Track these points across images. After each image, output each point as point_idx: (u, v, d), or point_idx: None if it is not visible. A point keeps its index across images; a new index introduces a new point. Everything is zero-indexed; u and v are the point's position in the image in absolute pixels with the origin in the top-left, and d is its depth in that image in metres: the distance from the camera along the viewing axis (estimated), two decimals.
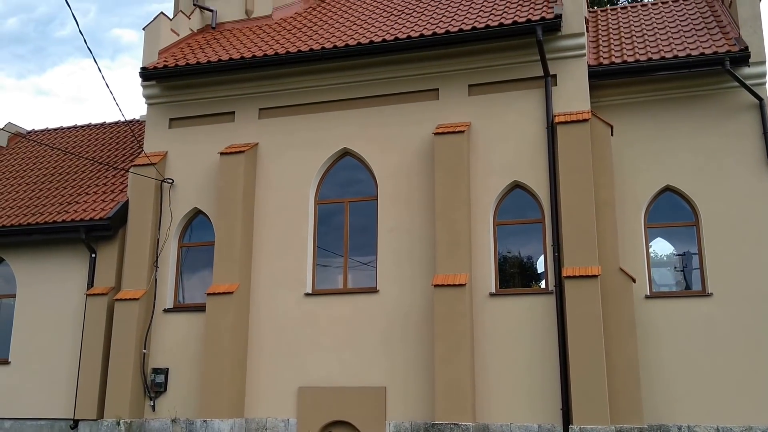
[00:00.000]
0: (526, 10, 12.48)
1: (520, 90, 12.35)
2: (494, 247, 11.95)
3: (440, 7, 14.18)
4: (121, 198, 14.09)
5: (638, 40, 13.15)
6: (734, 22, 12.63)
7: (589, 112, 11.72)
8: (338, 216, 13.10)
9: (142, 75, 14.02)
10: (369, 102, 13.15)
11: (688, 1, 14.79)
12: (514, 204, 12.16)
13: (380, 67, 13.04)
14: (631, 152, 12.20)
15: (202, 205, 13.57)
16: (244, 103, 13.85)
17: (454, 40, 12.37)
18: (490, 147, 12.22)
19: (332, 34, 13.86)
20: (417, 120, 12.71)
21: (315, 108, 13.43)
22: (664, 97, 12.33)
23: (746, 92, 11.85)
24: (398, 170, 12.63)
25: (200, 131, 13.99)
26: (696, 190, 11.84)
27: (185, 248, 13.83)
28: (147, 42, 14.56)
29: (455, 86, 12.70)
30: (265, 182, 13.33)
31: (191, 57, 14.06)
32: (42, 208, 14.62)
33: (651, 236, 12.15)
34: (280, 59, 13.19)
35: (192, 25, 15.85)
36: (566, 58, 12.15)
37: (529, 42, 12.06)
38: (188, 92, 14.14)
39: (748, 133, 11.84)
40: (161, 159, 13.91)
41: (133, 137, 16.14)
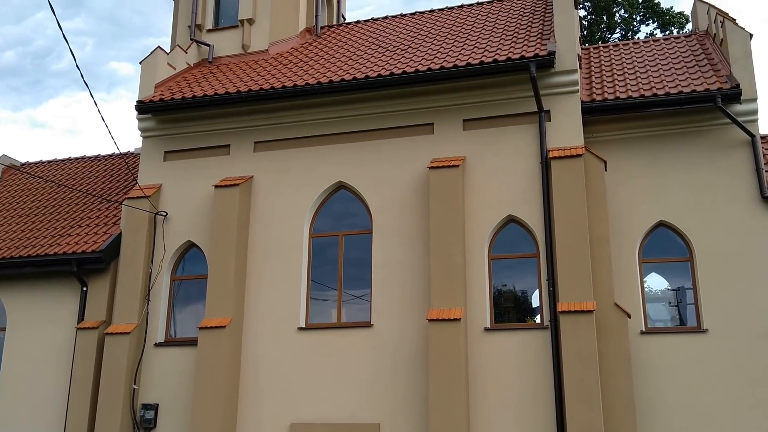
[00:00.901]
0: (519, 47, 12.64)
1: (515, 125, 12.43)
2: (489, 281, 11.91)
3: (435, 44, 14.35)
4: (114, 231, 14.03)
5: (630, 77, 13.31)
6: (725, 60, 12.80)
7: (582, 148, 11.80)
8: (332, 249, 13.06)
9: (138, 108, 14.08)
10: (364, 136, 13.20)
11: (680, 40, 15.02)
12: (508, 238, 12.15)
13: (375, 102, 13.13)
14: (625, 187, 12.26)
15: (196, 238, 13.51)
16: (239, 137, 13.89)
17: (448, 76, 12.48)
18: (484, 181, 12.25)
19: (328, 69, 13.98)
20: (412, 154, 12.76)
21: (310, 141, 13.48)
22: (657, 133, 12.44)
23: (738, 129, 11.96)
24: (393, 204, 12.63)
25: (195, 164, 13.99)
26: (690, 226, 11.88)
27: (178, 281, 13.73)
28: (143, 75, 14.65)
29: (450, 121, 12.78)
30: (260, 215, 13.31)
31: (187, 90, 14.14)
32: (34, 240, 14.54)
33: (645, 271, 12.14)
34: (276, 93, 13.28)
35: (189, 59, 15.98)
36: (560, 94, 12.27)
37: (523, 78, 12.18)
38: (184, 125, 14.18)
39: (741, 169, 11.93)
40: (155, 192, 13.89)
41: (128, 170, 16.13)
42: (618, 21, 30.02)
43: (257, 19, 16.40)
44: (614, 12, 29.99)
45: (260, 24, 16.39)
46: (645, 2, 29.55)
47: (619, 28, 30.06)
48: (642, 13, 29.65)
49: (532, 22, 14.32)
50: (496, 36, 13.89)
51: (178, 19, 17.04)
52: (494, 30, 14.38)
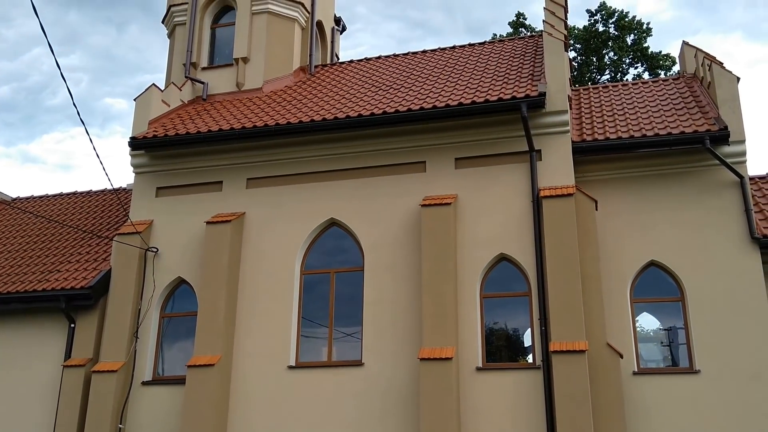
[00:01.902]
0: (511, 88, 12.80)
1: (506, 164, 12.52)
2: (481, 320, 11.85)
3: (427, 83, 14.52)
4: (103, 267, 13.93)
5: (620, 118, 13.48)
6: (713, 103, 12.98)
7: (573, 187, 11.87)
8: (324, 285, 13.00)
9: (131, 144, 14.11)
10: (357, 173, 13.25)
11: (668, 82, 15.27)
12: (500, 276, 12.14)
13: (368, 140, 13.21)
14: (616, 227, 12.31)
15: (186, 275, 13.43)
16: (232, 173, 13.91)
17: (440, 115, 12.60)
18: (476, 219, 12.29)
19: (321, 107, 14.10)
20: (404, 192, 12.80)
21: (303, 178, 13.51)
22: (647, 174, 12.54)
23: (727, 170, 12.08)
24: (385, 241, 12.62)
25: (187, 200, 13.98)
26: (680, 266, 11.90)
27: (167, 318, 13.60)
28: (137, 112, 14.72)
29: (442, 159, 12.86)
30: (251, 252, 13.26)
31: (181, 127, 14.20)
32: (23, 276, 14.40)
33: (637, 311, 12.12)
34: (269, 130, 13.35)
35: (183, 97, 16.09)
36: (551, 134, 12.39)
37: (515, 118, 12.30)
38: (176, 162, 14.21)
39: (731, 210, 12.01)
40: (147, 228, 13.84)
41: (120, 206, 16.10)
42: (607, 63, 30.56)
43: (252, 57, 16.58)
44: (604, 54, 30.55)
45: (255, 62, 16.56)
46: (634, 45, 30.13)
47: (608, 70, 30.59)
48: (631, 55, 30.20)
49: (523, 63, 14.53)
50: (487, 76, 14.07)
51: (174, 57, 17.21)
52: (486, 71, 14.58)
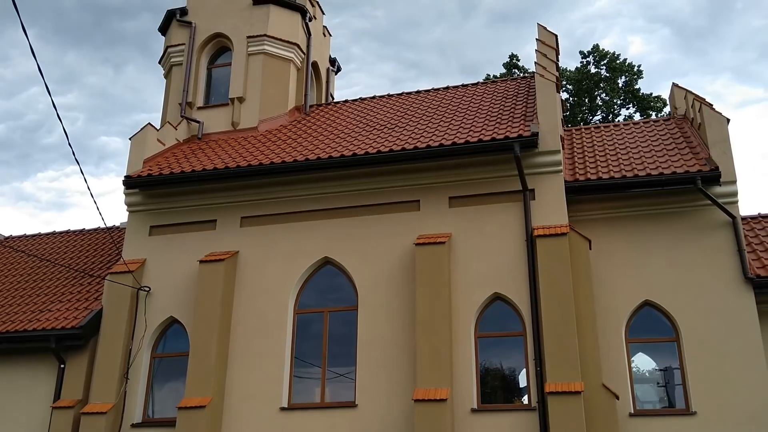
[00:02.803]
0: (504, 128, 12.92)
1: (500, 203, 12.56)
2: (476, 360, 11.74)
3: (421, 123, 14.65)
4: (95, 306, 13.80)
5: (612, 159, 13.59)
6: (704, 144, 13.12)
7: (567, 226, 11.90)
8: (317, 325, 12.90)
9: (126, 183, 14.12)
10: (351, 212, 13.26)
11: (659, 123, 15.45)
12: (495, 316, 12.08)
13: (363, 179, 13.26)
14: (610, 266, 12.30)
15: (179, 314, 13.31)
16: (226, 212, 13.91)
17: (434, 154, 12.68)
18: (470, 258, 12.27)
19: (316, 146, 14.17)
20: (398, 230, 12.80)
21: (297, 217, 13.51)
22: (640, 213, 12.60)
23: (719, 210, 12.14)
24: (379, 280, 12.57)
25: (181, 239, 13.94)
26: (675, 306, 11.88)
27: (158, 359, 13.42)
28: (133, 151, 14.76)
29: (436, 198, 12.89)
30: (244, 291, 13.18)
31: (175, 166, 14.23)
32: (13, 315, 14.25)
33: (632, 351, 12.04)
34: (263, 169, 13.39)
35: (178, 136, 16.16)
36: (544, 174, 12.46)
37: (508, 158, 12.39)
38: (171, 200, 14.20)
39: (724, 249, 12.04)
40: (139, 266, 13.76)
41: (113, 244, 16.03)
42: (599, 104, 30.95)
43: (247, 97, 16.72)
44: (596, 95, 30.96)
45: (250, 102, 16.70)
46: (625, 87, 30.57)
47: (600, 111, 30.96)
48: (622, 97, 30.62)
49: (515, 103, 14.70)
50: (481, 117, 14.22)
51: (170, 97, 17.34)
52: (479, 111, 14.73)
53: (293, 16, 17.88)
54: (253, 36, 17.14)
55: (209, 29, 17.55)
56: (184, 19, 17.70)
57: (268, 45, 17.15)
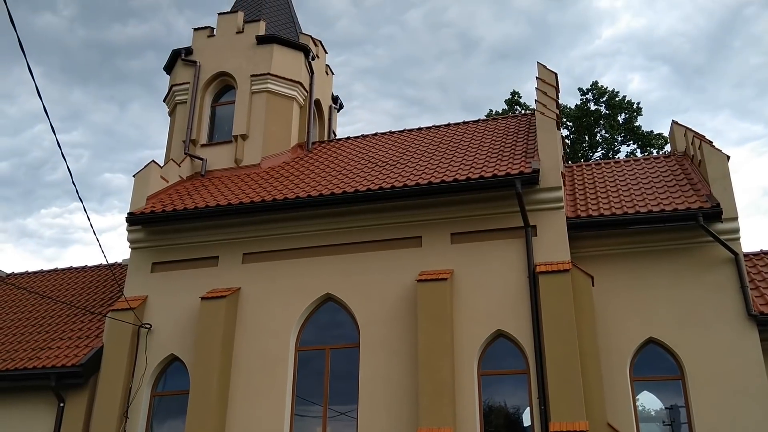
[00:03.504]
0: (505, 164, 13.00)
1: (502, 239, 12.56)
2: (479, 398, 11.62)
3: (423, 160, 14.74)
4: (96, 344, 13.73)
5: (613, 195, 13.64)
6: (704, 180, 13.16)
7: (569, 263, 11.88)
8: (319, 361, 12.80)
9: (129, 220, 14.17)
10: (353, 248, 13.27)
11: (659, 160, 15.53)
12: (498, 353, 11.99)
13: (365, 215, 13.30)
14: (613, 303, 12.25)
15: (179, 352, 13.23)
16: (228, 248, 13.92)
17: (436, 191, 12.74)
18: (473, 295, 12.23)
19: (318, 183, 14.25)
20: (400, 267, 12.79)
21: (299, 253, 13.52)
22: (642, 250, 12.59)
23: (722, 247, 12.13)
24: (381, 317, 12.52)
25: (182, 275, 13.93)
26: (679, 343, 11.79)
27: (158, 397, 13.30)
28: (136, 188, 14.86)
29: (438, 234, 12.91)
30: (246, 328, 13.12)
31: (178, 203, 14.30)
32: (14, 353, 14.17)
33: (637, 389, 11.91)
34: (266, 206, 13.45)
35: (182, 173, 16.28)
36: (545, 210, 12.50)
37: (509, 194, 12.44)
38: (173, 237, 14.23)
39: (727, 287, 11.99)
40: (141, 303, 13.73)
41: (114, 281, 16.01)
42: (599, 140, 31.14)
43: (251, 134, 16.88)
44: (596, 132, 31.16)
45: (253, 139, 16.86)
46: (625, 124, 30.78)
47: (600, 147, 31.12)
48: (623, 134, 30.82)
49: (516, 140, 14.82)
50: (482, 153, 14.31)
51: (174, 134, 17.52)
52: (480, 148, 14.84)
53: (296, 55, 18.15)
54: (256, 75, 17.39)
55: (213, 68, 17.82)
56: (188, 59, 17.98)
57: (272, 83, 17.37)
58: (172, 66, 18.51)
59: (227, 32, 18.23)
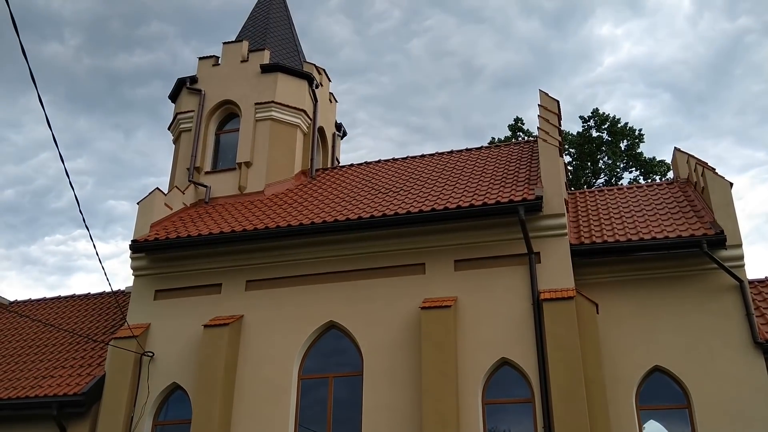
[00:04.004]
0: (508, 191, 13.02)
1: (506, 266, 12.53)
2: (483, 427, 11.49)
3: (426, 187, 14.78)
4: (98, 372, 13.66)
5: (617, 222, 13.63)
6: (708, 207, 13.15)
7: (573, 290, 11.84)
8: (322, 389, 12.71)
9: (132, 247, 14.18)
10: (356, 275, 13.25)
11: (662, 187, 15.55)
12: (502, 381, 11.88)
13: (368, 242, 13.30)
14: (618, 331, 12.17)
15: (182, 380, 13.14)
16: (231, 275, 13.91)
17: (439, 218, 12.75)
18: (477, 322, 12.17)
19: (322, 210, 14.28)
20: (404, 294, 12.75)
21: (302, 281, 13.49)
22: (647, 277, 12.54)
23: (726, 274, 12.08)
24: (384, 344, 12.44)
25: (185, 303, 13.90)
26: (685, 371, 11.68)
27: (160, 426, 13.18)
28: (140, 216, 14.90)
29: (441, 261, 12.88)
30: (249, 356, 13.05)
31: (182, 230, 14.32)
32: (16, 382, 14.09)
33: (643, 418, 11.77)
34: (269, 233, 13.46)
35: (186, 200, 16.33)
36: (549, 237, 12.48)
37: (513, 221, 12.44)
38: (176, 264, 14.23)
39: (733, 314, 11.92)
40: (143, 331, 13.69)
41: (118, 309, 15.98)
42: (602, 167, 31.20)
43: (254, 162, 16.97)
44: (598, 159, 31.24)
45: (257, 166, 16.94)
46: (627, 150, 30.87)
47: (603, 174, 31.18)
48: (625, 160, 30.90)
49: (519, 167, 14.86)
50: (485, 180, 14.35)
51: (178, 162, 17.61)
52: (483, 174, 14.88)
53: (300, 83, 18.32)
54: (261, 103, 17.53)
55: (218, 96, 17.98)
56: (193, 87, 18.15)
57: (276, 111, 17.50)
58: (177, 94, 18.69)
59: (232, 61, 18.43)
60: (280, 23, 20.75)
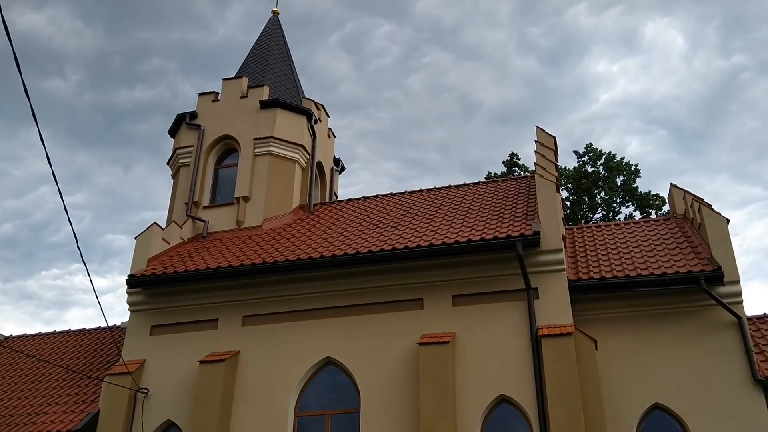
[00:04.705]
0: (506, 227, 13.05)
1: (504, 302, 12.49)
2: None
3: (424, 222, 14.81)
4: (92, 408, 13.50)
5: (614, 257, 13.63)
6: (705, 243, 13.16)
7: (572, 326, 11.78)
8: (318, 427, 12.54)
9: (129, 282, 14.14)
10: (354, 311, 13.19)
11: (659, 222, 15.59)
12: (501, 419, 11.74)
13: (366, 277, 13.27)
14: (617, 367, 12.08)
15: (176, 417, 12.98)
16: (228, 311, 13.83)
17: (437, 253, 12.74)
18: (475, 359, 12.08)
19: (319, 245, 14.27)
20: (401, 329, 12.67)
21: (300, 316, 13.42)
22: (645, 313, 12.50)
23: (724, 310, 12.04)
24: (382, 381, 12.33)
25: (181, 339, 13.80)
26: (685, 409, 11.56)
27: None
28: (137, 250, 14.88)
29: (439, 297, 12.84)
30: (244, 392, 12.91)
31: (179, 265, 14.29)
32: (9, 418, 13.92)
33: None
34: (266, 268, 13.43)
35: (183, 234, 16.33)
36: (547, 272, 12.47)
37: (511, 256, 12.44)
38: (173, 299, 14.17)
39: (732, 351, 11.86)
40: (138, 367, 13.56)
41: (113, 344, 15.85)
42: (599, 202, 31.31)
43: (253, 196, 17.02)
44: (595, 194, 31.37)
45: (255, 201, 16.98)
46: (624, 186, 31.02)
47: (600, 209, 31.28)
48: (621, 195, 31.02)
49: (517, 203, 14.91)
50: (483, 215, 14.38)
51: (176, 196, 17.65)
52: (481, 210, 14.92)
53: (299, 119, 18.47)
54: (259, 138, 17.65)
55: (217, 132, 18.11)
56: (193, 123, 18.29)
57: (274, 146, 17.61)
58: (177, 129, 18.82)
59: (232, 97, 18.61)
60: (280, 60, 21.01)
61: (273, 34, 21.78)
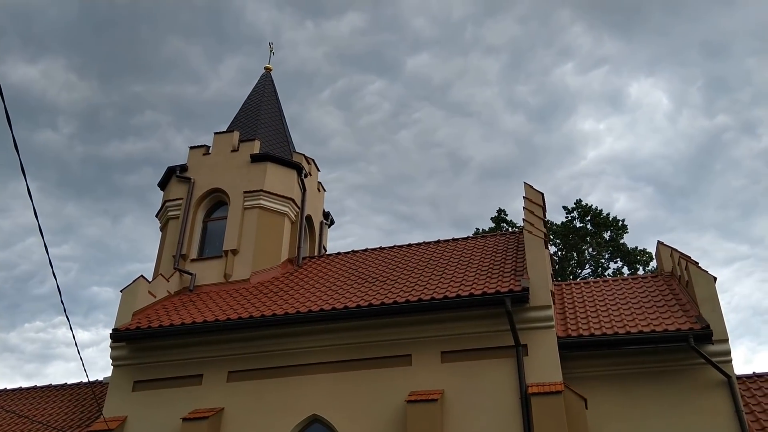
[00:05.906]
0: (495, 282, 13.02)
1: (493, 358, 12.37)
2: None
3: (413, 277, 14.76)
4: None
5: (603, 314, 13.60)
6: (693, 301, 13.17)
7: (561, 384, 11.65)
8: None
9: (113, 336, 13.92)
10: (341, 367, 13.01)
11: (647, 279, 15.62)
12: None
13: (354, 332, 13.13)
14: (607, 427, 11.90)
15: None
16: (212, 366, 13.60)
17: (426, 308, 12.67)
18: (464, 416, 11.90)
19: (307, 299, 14.16)
20: (389, 386, 12.48)
21: (285, 372, 13.22)
22: (635, 371, 12.40)
23: (714, 369, 11.97)
24: None
25: (165, 394, 13.52)
26: None
27: None
28: (123, 304, 14.70)
29: (428, 353, 12.71)
30: None
31: (165, 319, 14.11)
32: None
33: None
34: (253, 322, 13.28)
35: (170, 288, 16.17)
36: (536, 329, 12.40)
37: (499, 312, 12.38)
38: (157, 354, 13.94)
39: (722, 411, 11.73)
40: (120, 424, 13.23)
41: (94, 400, 15.50)
42: (587, 258, 31.43)
43: (241, 249, 16.95)
44: (583, 249, 31.52)
45: (244, 254, 16.91)
46: (611, 241, 31.21)
47: (588, 264, 31.38)
48: (609, 251, 31.18)
49: (505, 258, 14.92)
50: (471, 271, 14.37)
51: (164, 249, 17.56)
52: (470, 265, 14.91)
53: (289, 173, 18.57)
54: (249, 191, 17.70)
55: (207, 185, 18.16)
56: (183, 175, 18.35)
57: (264, 199, 17.66)
58: (167, 182, 18.86)
59: (223, 150, 18.73)
60: (272, 114, 21.26)
61: (265, 90, 22.10)
